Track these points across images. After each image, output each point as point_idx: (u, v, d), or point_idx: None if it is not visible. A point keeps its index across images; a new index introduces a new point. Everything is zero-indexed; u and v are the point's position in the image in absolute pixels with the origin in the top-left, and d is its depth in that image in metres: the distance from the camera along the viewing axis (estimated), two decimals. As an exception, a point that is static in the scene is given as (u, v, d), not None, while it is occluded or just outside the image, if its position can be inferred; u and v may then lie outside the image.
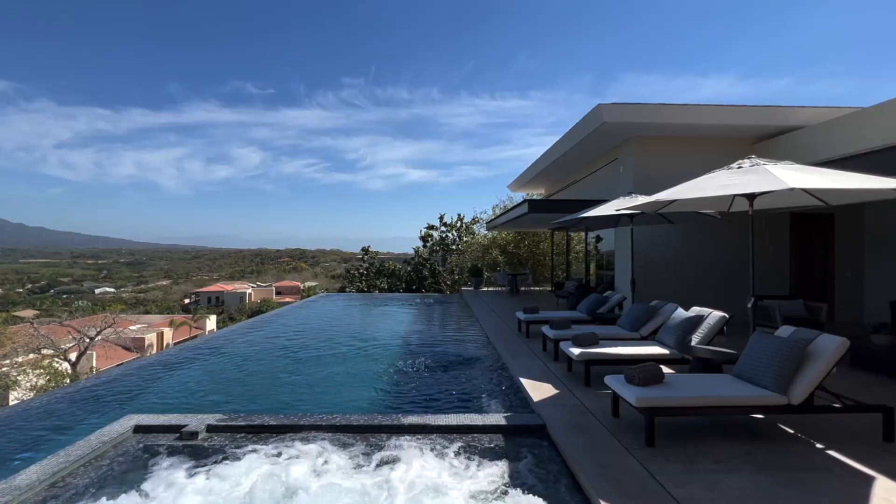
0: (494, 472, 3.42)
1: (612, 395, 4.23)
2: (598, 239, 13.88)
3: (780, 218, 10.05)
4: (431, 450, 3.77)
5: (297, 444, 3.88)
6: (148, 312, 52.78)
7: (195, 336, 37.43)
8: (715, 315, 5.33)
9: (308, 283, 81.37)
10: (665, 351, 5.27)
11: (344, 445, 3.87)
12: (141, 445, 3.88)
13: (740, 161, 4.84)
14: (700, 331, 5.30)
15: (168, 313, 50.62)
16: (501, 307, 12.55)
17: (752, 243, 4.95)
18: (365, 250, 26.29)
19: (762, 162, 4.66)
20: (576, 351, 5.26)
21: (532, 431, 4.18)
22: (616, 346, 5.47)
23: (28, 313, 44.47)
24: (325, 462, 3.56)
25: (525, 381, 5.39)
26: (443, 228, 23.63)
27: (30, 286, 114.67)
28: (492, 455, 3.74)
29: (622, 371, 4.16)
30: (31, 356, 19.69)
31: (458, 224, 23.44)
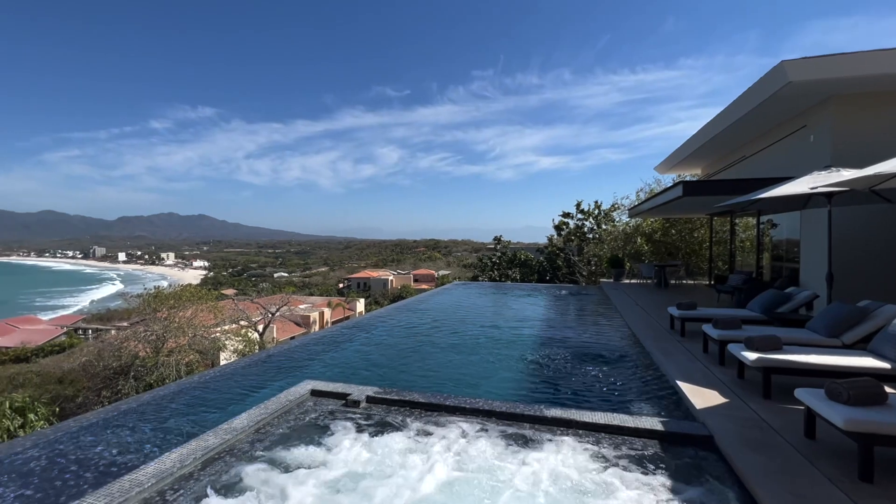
0: (650, 482, 3.10)
1: (806, 412, 3.49)
2: (773, 225, 11.67)
3: None
4: (574, 447, 3.59)
5: (443, 422, 4.07)
6: (312, 294, 61.63)
7: (348, 316, 42.57)
8: (968, 322, 4.00)
9: (442, 272, 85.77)
10: (884, 364, 4.14)
11: (485, 430, 3.93)
12: (316, 407, 4.51)
13: None
14: (942, 342, 4.04)
15: (326, 296, 58.46)
16: (647, 301, 11.43)
17: None
18: (497, 239, 26.56)
19: None
20: (751, 356, 4.47)
21: (695, 442, 3.70)
22: (808, 353, 4.49)
23: (230, 292, 55.81)
24: (467, 444, 3.65)
25: (683, 385, 4.80)
26: (579, 216, 22.42)
27: (230, 270, 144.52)
28: (646, 462, 3.40)
29: (818, 384, 3.42)
30: (233, 326, 24.59)
31: (596, 212, 21.99)
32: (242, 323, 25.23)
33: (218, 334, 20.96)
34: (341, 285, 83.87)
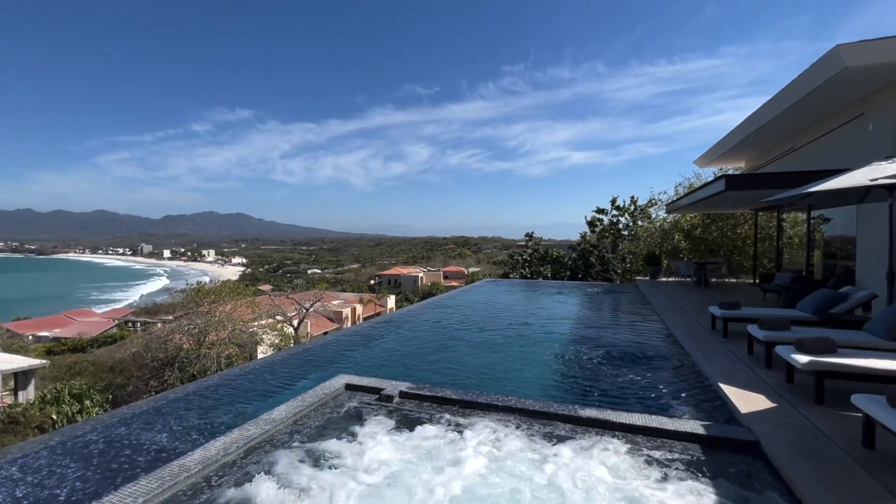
0: (691, 487, 2.99)
1: (864, 420, 3.27)
2: (824, 220, 11.00)
3: None
4: (610, 449, 3.50)
5: (475, 419, 4.06)
6: (344, 291, 62.87)
7: (379, 312, 43.20)
8: None
9: (472, 269, 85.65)
10: (954, 370, 3.83)
11: (518, 428, 3.89)
12: (351, 400, 4.60)
13: None
14: None
15: (358, 292, 59.54)
16: (686, 300, 11.02)
17: None
18: (529, 236, 26.25)
19: None
20: (802, 359, 4.23)
21: (740, 447, 3.54)
22: (866, 356, 4.21)
23: (266, 287, 57.64)
24: (499, 442, 3.63)
25: (726, 388, 4.60)
26: (614, 212, 21.82)
27: (266, 267, 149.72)
28: (687, 466, 3.29)
29: (877, 390, 3.21)
30: (269, 320, 25.40)
31: (632, 208, 21.33)
32: (278, 318, 26.00)
33: (255, 328, 21.71)
34: (372, 282, 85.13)
